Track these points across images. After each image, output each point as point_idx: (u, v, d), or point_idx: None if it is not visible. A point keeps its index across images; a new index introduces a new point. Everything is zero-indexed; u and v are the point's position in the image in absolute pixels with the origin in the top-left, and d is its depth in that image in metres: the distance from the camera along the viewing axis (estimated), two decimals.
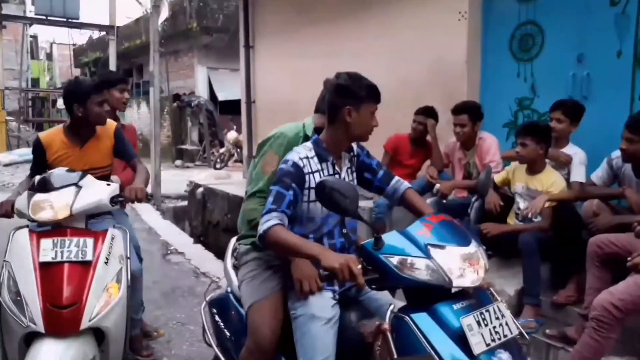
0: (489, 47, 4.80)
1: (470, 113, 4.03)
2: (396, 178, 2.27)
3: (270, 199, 1.97)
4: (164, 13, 9.21)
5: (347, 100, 2.00)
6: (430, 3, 5.01)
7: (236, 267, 2.44)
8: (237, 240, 2.48)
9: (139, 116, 18.32)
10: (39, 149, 2.87)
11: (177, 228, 7.58)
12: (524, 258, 3.34)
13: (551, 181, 3.50)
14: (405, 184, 2.26)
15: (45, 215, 2.38)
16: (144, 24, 15.68)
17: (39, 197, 2.41)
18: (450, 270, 1.69)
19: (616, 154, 3.36)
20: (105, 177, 2.92)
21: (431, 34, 4.99)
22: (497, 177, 3.78)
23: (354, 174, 2.22)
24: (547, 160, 3.62)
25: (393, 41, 5.40)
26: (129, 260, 2.59)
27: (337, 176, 2.11)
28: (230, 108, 14.58)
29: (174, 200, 9.74)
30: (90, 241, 2.40)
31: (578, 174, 3.56)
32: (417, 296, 1.78)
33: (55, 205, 2.38)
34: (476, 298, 1.75)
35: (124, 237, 2.67)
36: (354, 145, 2.20)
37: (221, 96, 16.28)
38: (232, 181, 9.09)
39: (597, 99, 4.00)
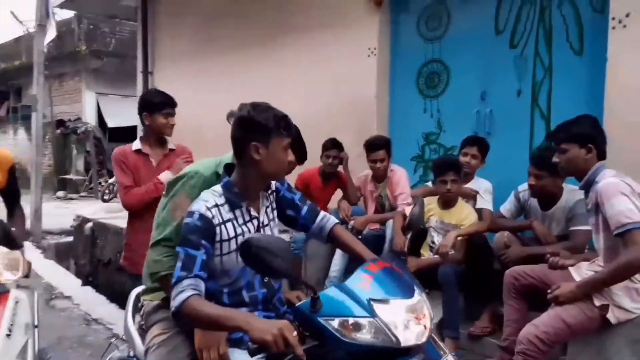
0: (398, 83, 4.92)
1: (386, 148, 4.09)
2: (322, 214, 2.08)
3: (179, 263, 1.69)
4: (51, 33, 8.47)
5: (253, 135, 1.74)
6: (341, 37, 5.06)
7: (142, 329, 2.09)
8: (144, 293, 2.14)
9: (15, 143, 16.72)
10: None
11: (61, 268, 6.84)
12: (443, 291, 3.35)
13: (464, 214, 3.59)
14: (332, 219, 2.08)
15: None
16: (24, 44, 14.47)
17: None
18: (396, 326, 1.53)
19: (522, 187, 3.51)
20: None
21: (343, 68, 5.04)
22: (409, 211, 3.80)
23: (274, 212, 1.98)
24: None
25: (306, 73, 5.39)
26: (36, 330, 2.16)
27: (254, 221, 1.86)
28: (121, 135, 13.74)
29: (56, 236, 8.84)
30: None
31: (486, 202, 3.69)
32: (365, 357, 1.58)
33: None
34: (424, 352, 1.61)
35: (31, 299, 2.23)
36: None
37: (111, 123, 15.34)
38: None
39: (499, 135, 4.20)
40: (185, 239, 1.71)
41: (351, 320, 1.52)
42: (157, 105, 3.14)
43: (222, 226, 1.77)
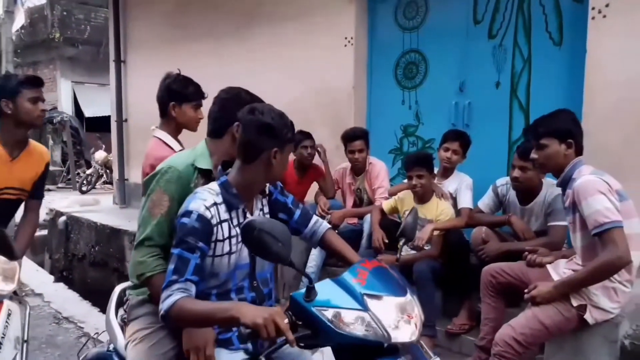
0: (375, 74, 4.82)
1: (364, 139, 4.03)
2: (315, 218, 2.05)
3: (171, 266, 1.65)
4: (19, 20, 8.20)
5: (274, 141, 1.73)
6: (318, 27, 4.94)
7: (125, 322, 2.04)
8: (130, 288, 2.08)
9: None
10: None
11: (33, 264, 6.64)
12: (419, 288, 3.28)
13: (440, 209, 3.53)
14: (325, 224, 2.05)
15: None
16: None
17: None
18: (387, 322, 1.53)
19: (501, 181, 3.46)
20: (17, 204, 2.55)
21: (319, 58, 4.92)
22: (386, 206, 3.77)
23: (267, 216, 1.93)
24: None
25: (280, 62, 5.26)
26: (26, 345, 2.08)
27: None
28: (99, 125, 13.49)
29: None
30: None
31: (465, 200, 3.62)
32: (349, 353, 1.59)
33: None
34: (411, 353, 1.61)
35: (23, 312, 2.14)
36: None
37: (88, 112, 15.03)
38: (101, 208, 8.21)
39: (478, 128, 4.14)
40: (181, 241, 1.66)
41: (345, 312, 1.52)
42: (190, 95, 2.63)
43: (219, 226, 1.74)
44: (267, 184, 1.91)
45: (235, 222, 1.78)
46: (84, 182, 12.97)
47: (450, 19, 4.26)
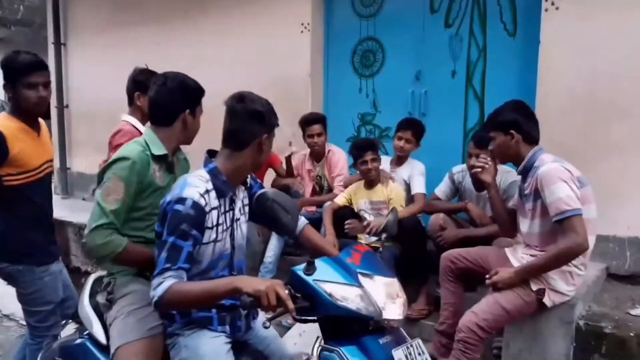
0: (332, 61, 4.77)
1: (322, 123, 4.04)
2: None
3: (164, 254, 1.65)
4: None
5: (263, 127, 1.80)
6: (274, 11, 4.82)
7: (110, 302, 2.02)
8: (111, 274, 2.06)
9: None
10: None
11: None
12: None
13: (389, 189, 3.61)
14: (303, 219, 2.06)
15: None
16: None
17: None
18: (378, 299, 1.67)
19: (457, 168, 3.53)
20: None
21: (275, 44, 4.81)
22: (340, 200, 3.78)
23: (247, 207, 1.94)
24: None
25: (234, 48, 5.11)
26: None
27: (230, 213, 1.85)
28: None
29: None
30: None
31: (419, 185, 3.67)
32: (335, 329, 1.73)
33: None
34: (393, 334, 1.75)
35: None
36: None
37: None
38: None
39: (434, 116, 4.17)
40: (175, 228, 1.66)
41: (341, 286, 1.65)
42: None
43: (210, 214, 1.75)
44: (249, 176, 1.94)
45: (222, 209, 1.80)
46: None
47: (407, 7, 4.25)
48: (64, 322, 2.70)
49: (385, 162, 3.82)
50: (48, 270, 2.56)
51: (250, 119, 1.77)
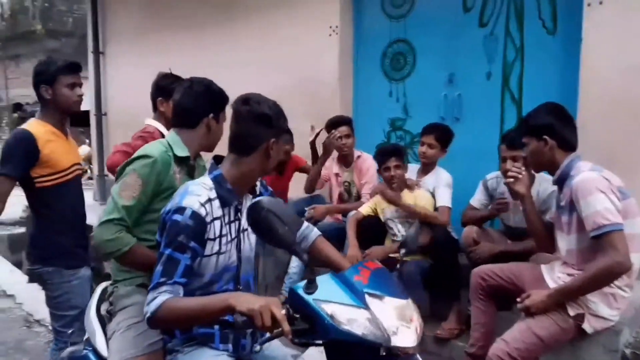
0: (361, 65, 4.63)
1: (349, 125, 3.92)
2: (305, 223, 1.98)
3: (160, 267, 1.57)
4: None
5: (271, 131, 1.70)
6: (301, 15, 4.73)
7: (110, 314, 1.99)
8: (116, 281, 2.03)
9: None
10: (29, 141, 2.42)
11: (8, 264, 6.41)
12: (408, 290, 3.10)
13: (415, 193, 3.47)
14: (316, 230, 1.97)
15: None
16: None
17: None
18: (387, 323, 1.47)
19: (490, 175, 3.33)
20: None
21: (303, 48, 4.72)
22: (364, 210, 3.63)
23: None
24: None
25: (262, 53, 5.05)
26: None
27: (236, 223, 1.75)
28: (83, 120, 13.17)
29: (9, 227, 8.34)
30: None
31: (443, 198, 3.45)
32: (342, 355, 1.53)
33: None
34: None
35: None
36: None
37: None
38: None
39: (468, 121, 3.97)
40: (172, 239, 1.58)
41: (345, 308, 1.47)
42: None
43: (212, 224, 1.66)
44: (258, 183, 1.87)
45: (227, 219, 1.71)
46: None
47: (439, 6, 4.07)
48: (71, 331, 2.68)
49: (412, 171, 3.64)
50: (76, 274, 2.58)
51: (256, 122, 1.68)
